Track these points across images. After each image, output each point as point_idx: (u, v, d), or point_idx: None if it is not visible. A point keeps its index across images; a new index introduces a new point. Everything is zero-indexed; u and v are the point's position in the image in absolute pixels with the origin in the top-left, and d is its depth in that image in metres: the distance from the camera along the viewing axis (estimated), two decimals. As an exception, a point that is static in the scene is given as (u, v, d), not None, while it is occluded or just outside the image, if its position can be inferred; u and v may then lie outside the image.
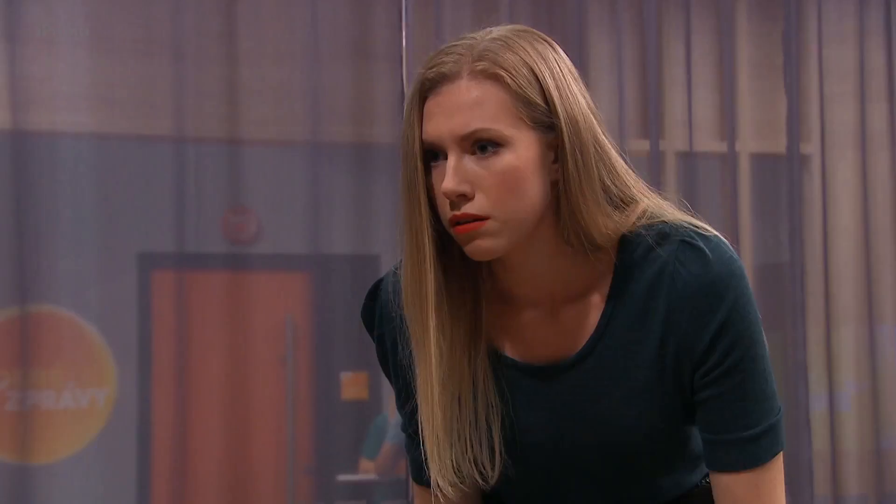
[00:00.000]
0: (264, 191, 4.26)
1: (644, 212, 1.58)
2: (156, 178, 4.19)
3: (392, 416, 4.38)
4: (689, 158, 4.54)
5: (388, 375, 1.73)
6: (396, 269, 1.64)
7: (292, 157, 4.31)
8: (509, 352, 1.62)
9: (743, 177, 4.66)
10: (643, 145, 4.43)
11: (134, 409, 4.23)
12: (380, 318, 1.69)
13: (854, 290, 4.74)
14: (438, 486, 1.59)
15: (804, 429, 4.53)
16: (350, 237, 4.26)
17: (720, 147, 4.60)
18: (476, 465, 1.59)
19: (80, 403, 4.17)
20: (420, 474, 1.70)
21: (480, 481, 1.59)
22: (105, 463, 4.24)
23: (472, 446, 1.59)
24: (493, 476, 1.60)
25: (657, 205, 1.60)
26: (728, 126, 4.56)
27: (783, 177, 4.62)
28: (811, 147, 4.72)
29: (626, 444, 1.61)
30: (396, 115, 4.28)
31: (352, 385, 4.31)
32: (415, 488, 1.76)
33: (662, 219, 1.58)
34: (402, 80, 4.28)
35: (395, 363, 1.68)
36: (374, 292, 1.71)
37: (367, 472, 4.42)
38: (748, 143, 4.67)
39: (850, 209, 4.75)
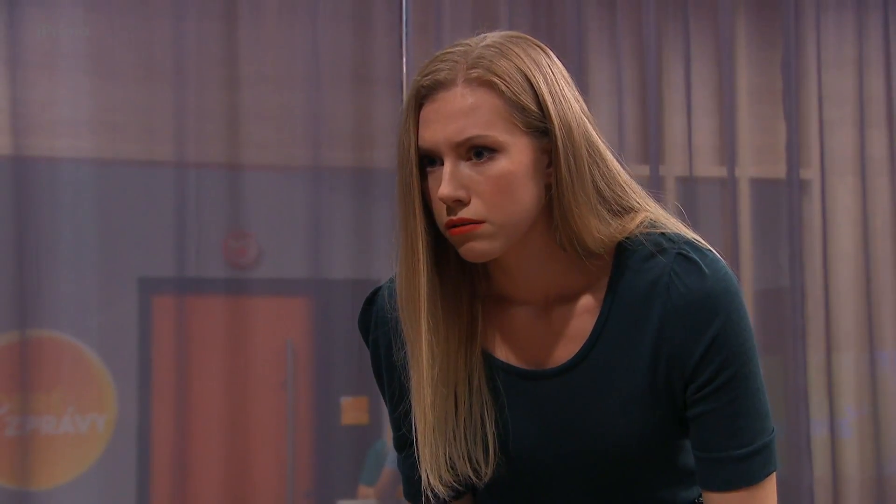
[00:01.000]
0: (265, 215, 4.26)
1: (643, 221, 1.59)
2: (156, 203, 4.20)
3: (392, 441, 4.36)
4: (689, 183, 4.55)
5: (379, 381, 1.73)
6: (393, 278, 1.66)
7: (293, 182, 4.31)
8: (501, 354, 1.63)
9: (743, 202, 4.67)
10: (643, 170, 4.43)
11: (134, 434, 4.23)
12: (375, 322, 1.70)
13: (854, 316, 4.73)
14: (429, 484, 1.60)
15: (805, 455, 4.52)
16: (350, 262, 4.26)
17: (720, 172, 4.60)
18: (470, 461, 1.59)
19: (80, 428, 4.17)
20: (412, 491, 1.71)
21: (474, 478, 1.60)
22: (105, 488, 4.23)
23: (466, 442, 1.60)
24: (487, 473, 1.60)
25: (657, 215, 1.61)
26: (728, 151, 4.56)
27: (783, 202, 4.62)
28: (811, 172, 4.72)
29: (615, 451, 1.61)
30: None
31: (352, 410, 4.31)
32: None
33: (661, 230, 1.59)
34: (402, 105, 4.29)
35: (388, 365, 1.68)
36: (372, 298, 1.72)
37: (366, 497, 4.41)
38: (748, 168, 4.68)
39: (850, 234, 4.75)
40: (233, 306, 4.20)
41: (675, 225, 1.61)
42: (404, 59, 4.32)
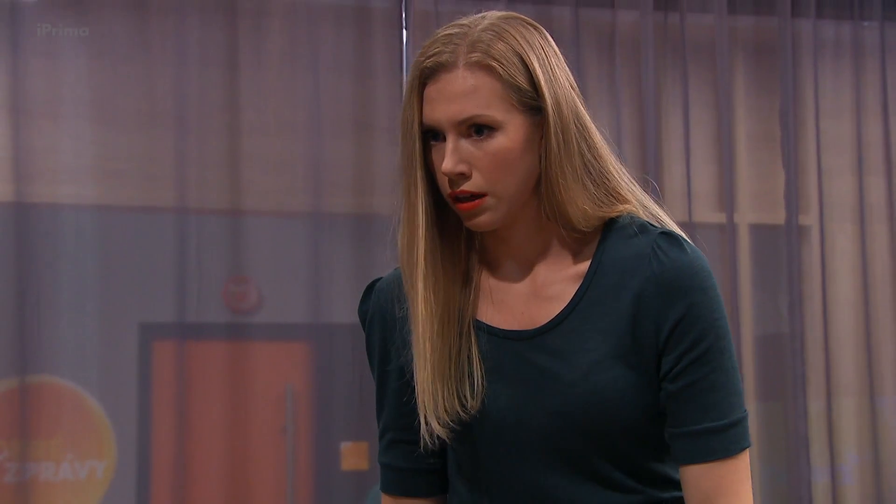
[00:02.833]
0: (265, 261, 4.27)
1: (631, 212, 1.72)
2: (157, 249, 4.20)
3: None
4: (688, 229, 4.54)
5: (370, 357, 1.85)
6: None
7: (293, 228, 4.32)
8: (485, 316, 1.74)
9: (742, 248, 4.68)
10: (643, 216, 4.44)
11: (133, 481, 4.21)
12: (376, 298, 1.83)
13: (854, 362, 4.73)
14: (431, 429, 1.70)
15: (806, 502, 4.50)
16: (350, 307, 4.26)
17: (720, 218, 4.62)
18: (458, 397, 1.69)
19: (79, 475, 4.15)
20: (390, 480, 1.84)
21: (461, 412, 1.69)
22: (104, 535, 4.21)
23: (455, 382, 1.70)
24: (475, 406, 1.69)
25: (643, 204, 1.75)
26: (727, 197, 4.58)
27: (782, 248, 4.63)
28: (810, 218, 4.74)
29: (586, 413, 1.67)
30: (397, 187, 4.30)
31: (352, 455, 4.30)
32: (383, 498, 1.88)
33: (648, 217, 1.73)
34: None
35: (382, 346, 1.81)
36: (373, 283, 1.86)
37: (366, 544, 4.39)
38: (747, 215, 4.70)
39: (850, 280, 4.76)
40: (233, 351, 4.20)
41: (660, 215, 1.75)
42: (404, 107, 4.35)
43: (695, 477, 1.66)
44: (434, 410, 1.69)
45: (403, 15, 4.39)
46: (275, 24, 4.32)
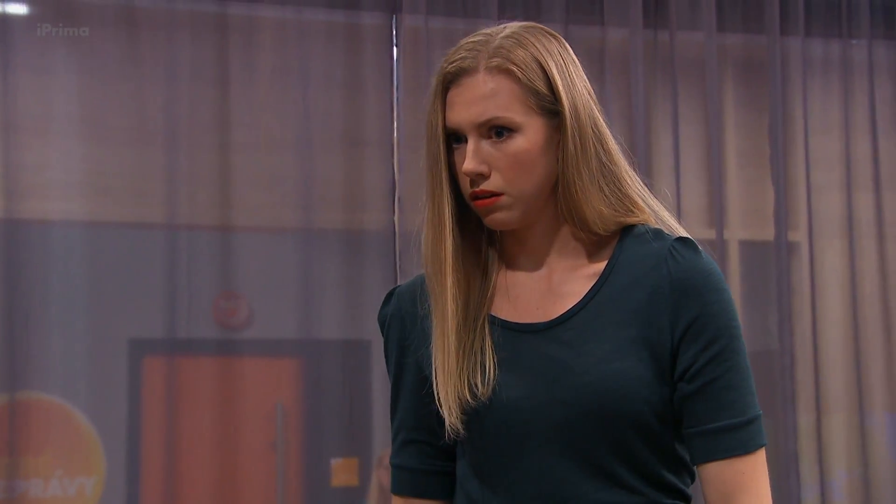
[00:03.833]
0: (255, 276, 4.27)
1: (645, 221, 1.78)
2: (147, 265, 4.20)
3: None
4: (678, 245, 4.55)
5: (387, 358, 1.89)
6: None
7: (283, 244, 4.32)
8: (499, 311, 1.79)
9: (732, 264, 4.69)
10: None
11: (122, 497, 4.20)
12: (396, 301, 1.88)
13: (844, 379, 4.73)
14: (451, 421, 1.73)
15: (796, 518, 4.51)
16: (341, 323, 4.27)
17: (709, 234, 4.62)
18: (469, 386, 1.73)
19: (68, 492, 4.14)
20: (401, 485, 1.87)
21: (471, 400, 1.72)
22: (92, 552, 4.20)
23: (468, 372, 1.74)
24: (486, 393, 1.72)
25: (655, 211, 1.80)
26: (717, 214, 4.59)
27: (772, 264, 4.64)
28: (799, 235, 4.75)
29: (600, 400, 1.69)
30: (387, 202, 4.31)
31: (342, 471, 4.29)
32: (394, 500, 1.91)
33: (662, 226, 1.79)
34: (392, 167, 4.32)
35: (400, 336, 1.86)
36: (393, 290, 1.92)
37: (356, 561, 4.38)
38: (737, 231, 4.71)
39: (839, 297, 4.77)
40: (223, 367, 4.19)
41: (674, 225, 1.80)
42: (395, 123, 4.36)
43: (714, 474, 1.70)
44: (446, 398, 1.73)
45: (394, 31, 4.40)
46: (265, 41, 4.33)
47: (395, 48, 4.40)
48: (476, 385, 1.73)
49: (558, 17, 4.47)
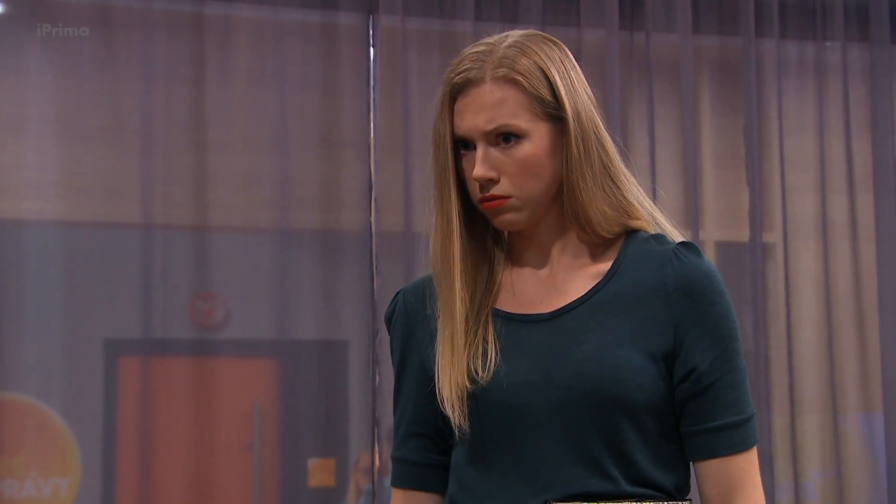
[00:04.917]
0: (232, 277, 4.26)
1: (643, 223, 1.86)
2: (123, 265, 4.19)
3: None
4: (654, 246, 4.56)
5: (392, 354, 1.94)
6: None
7: (260, 244, 4.32)
8: (504, 305, 1.85)
9: (707, 265, 4.70)
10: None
11: (98, 498, 4.19)
12: (402, 299, 1.94)
13: (818, 380, 4.75)
14: (455, 418, 1.78)
15: (771, 519, 4.52)
16: (317, 323, 4.26)
17: (685, 235, 4.63)
18: (471, 371, 1.79)
19: (43, 493, 4.13)
20: (401, 478, 1.92)
21: (470, 385, 1.78)
22: (67, 553, 4.18)
23: (469, 360, 1.80)
24: (486, 378, 1.78)
25: (652, 214, 1.88)
26: (692, 215, 4.61)
27: (747, 265, 4.66)
28: (774, 236, 4.76)
29: (597, 385, 1.75)
30: (364, 203, 4.31)
31: (319, 472, 4.29)
32: (394, 493, 1.95)
33: (658, 229, 1.87)
34: (369, 168, 4.32)
35: (405, 332, 1.91)
36: (400, 290, 1.97)
37: (332, 562, 4.38)
38: (712, 232, 4.72)
39: (814, 298, 4.78)
40: (199, 368, 4.18)
41: (666, 230, 1.88)
42: (371, 124, 4.36)
43: (715, 470, 1.78)
44: (448, 389, 1.78)
45: (370, 31, 4.40)
46: (241, 40, 4.32)
47: (371, 48, 4.39)
48: (476, 371, 1.78)
49: (535, 18, 4.48)
